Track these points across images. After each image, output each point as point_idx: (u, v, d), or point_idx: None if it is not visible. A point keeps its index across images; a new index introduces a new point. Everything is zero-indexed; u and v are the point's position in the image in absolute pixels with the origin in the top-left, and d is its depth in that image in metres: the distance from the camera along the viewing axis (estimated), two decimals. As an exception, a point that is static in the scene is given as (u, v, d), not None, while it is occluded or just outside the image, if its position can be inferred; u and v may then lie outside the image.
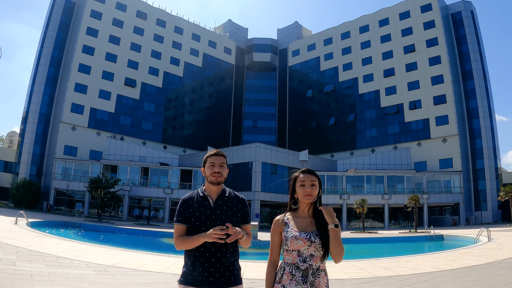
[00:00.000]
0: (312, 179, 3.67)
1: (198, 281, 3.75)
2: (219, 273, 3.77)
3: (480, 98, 70.27)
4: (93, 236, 29.42)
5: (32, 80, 71.53)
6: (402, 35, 79.19)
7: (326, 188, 64.16)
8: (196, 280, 3.75)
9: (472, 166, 68.96)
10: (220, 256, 3.79)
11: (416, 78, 75.45)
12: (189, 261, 3.84)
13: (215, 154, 4.05)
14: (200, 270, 3.76)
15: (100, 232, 34.80)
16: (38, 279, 8.90)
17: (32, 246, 15.10)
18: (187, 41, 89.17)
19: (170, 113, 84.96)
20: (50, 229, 29.62)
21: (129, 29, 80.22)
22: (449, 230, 44.17)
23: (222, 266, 3.78)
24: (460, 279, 10.94)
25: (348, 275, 11.44)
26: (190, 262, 3.83)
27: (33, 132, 68.53)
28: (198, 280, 3.75)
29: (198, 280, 3.75)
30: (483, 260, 15.31)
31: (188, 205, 3.93)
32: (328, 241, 3.49)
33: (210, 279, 3.74)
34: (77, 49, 72.39)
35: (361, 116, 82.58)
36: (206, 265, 3.76)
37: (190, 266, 3.82)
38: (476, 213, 65.99)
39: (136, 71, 79.77)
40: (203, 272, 3.75)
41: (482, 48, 74.46)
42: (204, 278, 3.74)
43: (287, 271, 3.50)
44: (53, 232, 26.26)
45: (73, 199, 65.34)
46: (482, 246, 21.78)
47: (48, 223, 34.82)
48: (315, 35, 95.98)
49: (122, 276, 10.23)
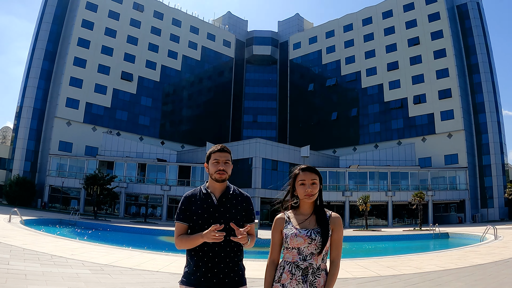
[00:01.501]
0: (312, 178, 3.66)
1: (201, 282, 3.70)
2: (223, 274, 3.73)
3: (486, 92, 70.19)
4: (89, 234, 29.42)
5: (26, 74, 71.46)
6: (406, 28, 79.03)
7: (328, 185, 64.11)
8: (199, 281, 3.71)
9: (478, 162, 68.92)
10: (224, 256, 3.74)
11: (420, 71, 75.33)
12: (192, 261, 3.79)
13: (219, 150, 3.96)
14: (203, 270, 3.71)
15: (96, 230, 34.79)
16: (32, 278, 8.88)
17: (26, 244, 15.09)
18: (185, 34, 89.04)
19: (167, 107, 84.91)
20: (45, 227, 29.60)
21: (125, 22, 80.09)
22: (454, 228, 44.24)
23: (226, 267, 3.74)
24: (466, 278, 10.93)
25: (350, 274, 11.44)
26: (193, 262, 3.77)
27: (27, 127, 68.51)
28: (201, 281, 3.70)
29: (201, 281, 3.70)
30: (489, 258, 15.31)
31: (190, 202, 3.87)
32: (327, 238, 3.50)
33: (214, 280, 3.70)
34: (72, 42, 72.28)
35: (364, 110, 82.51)
36: (209, 265, 3.71)
37: (193, 266, 3.76)
38: (482, 211, 66.00)
39: (132, 65, 79.68)
40: (206, 272, 3.71)
41: (489, 41, 74.28)
42: (207, 279, 3.70)
43: (287, 269, 3.49)
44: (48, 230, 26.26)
45: (68, 196, 65.40)
46: (489, 244, 21.77)
47: (42, 221, 34.78)
48: (317, 28, 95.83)
49: (118, 276, 10.22)
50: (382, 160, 71.27)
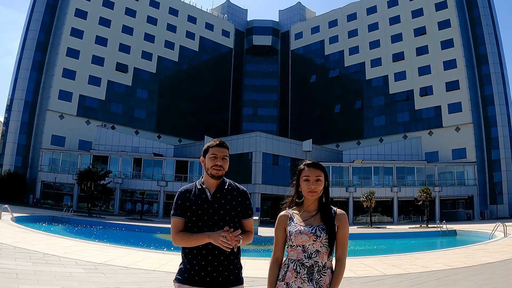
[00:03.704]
0: (317, 174, 3.65)
1: (195, 280, 3.69)
2: (217, 272, 3.71)
3: (495, 84, 70.07)
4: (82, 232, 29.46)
5: (17, 65, 71.26)
6: (412, 17, 78.80)
7: (331, 181, 64.00)
8: (193, 279, 3.69)
9: (487, 157, 68.90)
10: (218, 254, 3.72)
11: (427, 62, 75.20)
12: (186, 258, 3.79)
13: (218, 145, 3.95)
14: (197, 268, 3.70)
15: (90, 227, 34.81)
16: (23, 277, 8.87)
17: (17, 242, 15.08)
18: (182, 24, 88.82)
19: (164, 100, 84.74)
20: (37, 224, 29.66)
21: (120, 11, 79.81)
22: (462, 225, 44.23)
23: (220, 265, 3.73)
24: (474, 277, 10.92)
25: (354, 273, 11.43)
26: (187, 259, 3.77)
27: (18, 120, 68.40)
28: (195, 279, 3.69)
29: (195, 279, 3.69)
30: (499, 257, 15.30)
31: (185, 198, 3.86)
32: (335, 237, 3.50)
33: (207, 278, 3.68)
34: (65, 32, 72.03)
35: (369, 103, 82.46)
36: (203, 263, 3.70)
37: (187, 264, 3.76)
38: (491, 207, 66.02)
39: (128, 56, 79.51)
40: (200, 270, 3.70)
41: (498, 31, 74.15)
42: (201, 277, 3.69)
43: (291, 268, 3.49)
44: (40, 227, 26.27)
45: (61, 192, 65.40)
46: (498, 242, 21.76)
47: (34, 218, 34.83)
48: (319, 17, 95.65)
49: (113, 275, 10.21)
50: (387, 154, 71.26)
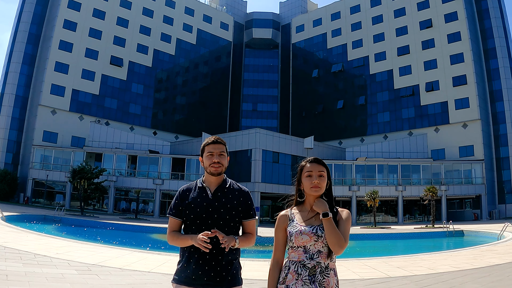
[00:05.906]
0: (320, 169, 3.64)
1: (192, 280, 3.71)
2: (215, 272, 3.72)
3: (504, 79, 69.92)
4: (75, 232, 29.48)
5: (8, 58, 71.14)
6: (418, 9, 78.62)
7: (333, 179, 63.74)
8: (190, 279, 3.72)
9: (496, 154, 68.86)
10: (217, 253, 3.74)
11: (433, 56, 75.08)
12: (183, 258, 3.83)
13: (213, 142, 4.00)
14: (193, 268, 3.73)
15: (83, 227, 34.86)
16: (14, 279, 8.87)
17: (8, 242, 15.09)
18: (179, 16, 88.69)
19: (160, 95, 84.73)
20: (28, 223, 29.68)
21: (115, 2, 79.62)
22: (469, 225, 44.27)
23: (218, 265, 3.74)
24: (482, 280, 10.93)
25: (358, 275, 11.44)
26: (184, 258, 3.81)
27: (8, 116, 68.30)
28: (192, 279, 3.72)
29: (192, 279, 3.72)
30: (507, 258, 15.31)
31: (185, 196, 3.93)
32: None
33: (205, 278, 3.70)
34: (57, 24, 71.86)
35: (373, 99, 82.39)
36: (200, 262, 3.72)
37: (184, 263, 3.79)
38: (500, 206, 65.97)
39: (123, 49, 79.39)
40: (197, 270, 3.72)
41: (507, 24, 74.05)
42: (198, 277, 3.71)
43: (292, 269, 3.47)
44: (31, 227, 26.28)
45: (53, 190, 65.46)
46: (507, 243, 21.80)
47: (25, 217, 34.91)
48: (322, 9, 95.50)
49: (107, 276, 10.21)
50: (391, 152, 71.23)
